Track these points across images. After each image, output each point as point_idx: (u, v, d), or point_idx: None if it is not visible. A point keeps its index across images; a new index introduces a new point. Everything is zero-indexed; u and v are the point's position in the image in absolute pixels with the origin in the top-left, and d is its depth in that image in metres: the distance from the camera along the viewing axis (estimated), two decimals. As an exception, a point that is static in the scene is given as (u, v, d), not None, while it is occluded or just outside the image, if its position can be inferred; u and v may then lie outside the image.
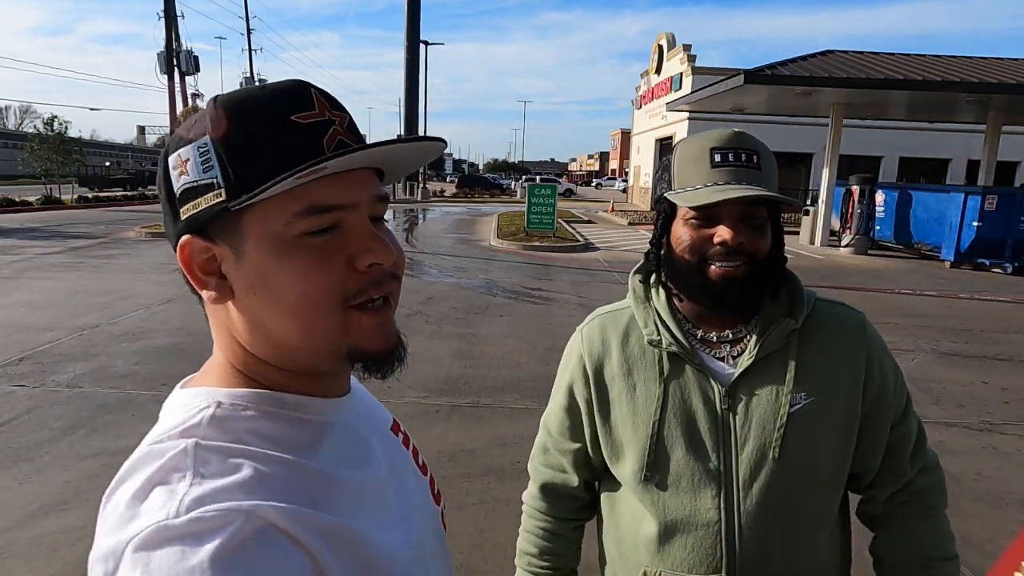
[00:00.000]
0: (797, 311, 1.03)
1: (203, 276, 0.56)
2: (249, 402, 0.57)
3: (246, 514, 0.47)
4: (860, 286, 10.55)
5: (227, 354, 0.60)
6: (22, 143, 25.28)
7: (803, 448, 0.98)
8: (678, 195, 0.98)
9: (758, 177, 0.95)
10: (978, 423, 4.71)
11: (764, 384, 1.00)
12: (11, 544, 2.90)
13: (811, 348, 1.02)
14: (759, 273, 0.98)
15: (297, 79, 0.57)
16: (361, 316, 0.56)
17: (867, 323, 1.07)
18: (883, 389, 1.03)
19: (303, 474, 0.54)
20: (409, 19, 34.05)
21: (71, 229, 16.21)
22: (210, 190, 0.53)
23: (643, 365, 1.06)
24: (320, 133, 0.54)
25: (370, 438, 0.64)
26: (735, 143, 0.97)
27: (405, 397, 4.85)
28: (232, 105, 0.54)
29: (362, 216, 0.56)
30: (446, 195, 40.22)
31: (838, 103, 15.97)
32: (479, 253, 13.66)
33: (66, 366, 5.30)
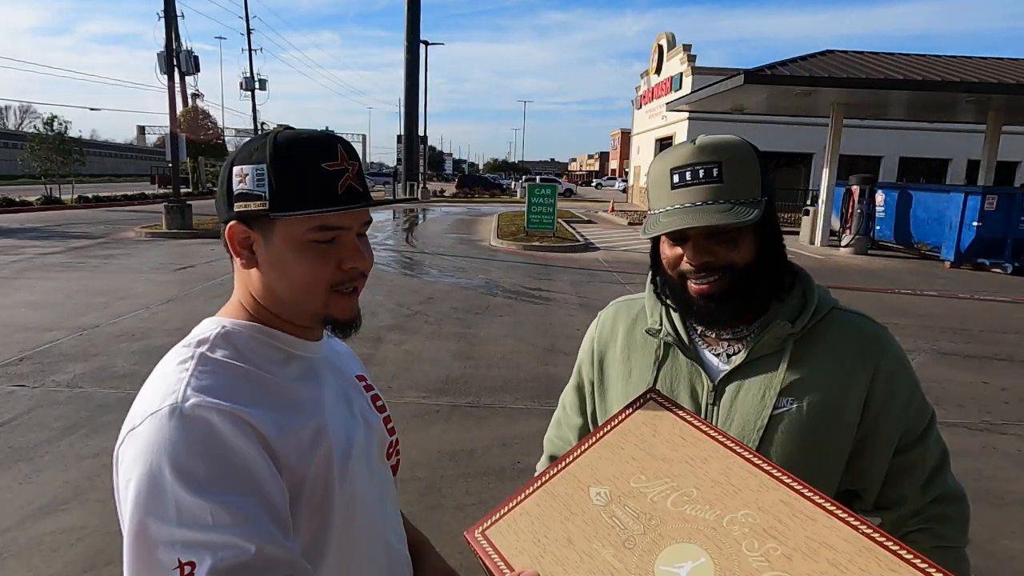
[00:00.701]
0: (799, 317, 1.01)
1: (240, 248, 0.83)
2: (246, 329, 0.85)
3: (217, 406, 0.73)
4: (860, 286, 10.55)
5: (242, 299, 0.88)
6: (22, 143, 25.27)
7: (781, 452, 0.97)
8: (644, 227, 1.01)
9: (718, 191, 0.93)
10: (978, 423, 4.71)
11: (753, 383, 1.00)
12: (11, 544, 2.90)
13: (808, 355, 1.00)
14: (741, 283, 0.97)
15: (331, 133, 0.84)
16: (338, 297, 0.85)
17: (885, 339, 1.02)
18: (889, 408, 0.99)
19: (267, 386, 0.80)
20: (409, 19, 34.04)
21: (71, 229, 16.20)
22: (258, 199, 0.80)
23: (642, 351, 1.10)
24: (337, 179, 0.80)
25: (324, 371, 0.90)
26: (694, 159, 0.95)
27: (405, 397, 4.85)
28: (286, 145, 0.80)
29: (352, 235, 0.84)
30: (446, 195, 40.21)
31: (838, 103, 15.97)
32: (479, 253, 13.66)
33: (66, 366, 5.30)
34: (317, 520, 0.81)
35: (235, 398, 0.75)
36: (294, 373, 0.85)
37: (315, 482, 0.80)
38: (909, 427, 1.00)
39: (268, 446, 0.75)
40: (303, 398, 0.83)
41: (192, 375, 0.76)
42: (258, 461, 0.73)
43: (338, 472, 0.82)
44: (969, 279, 11.83)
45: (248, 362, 0.81)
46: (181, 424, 0.71)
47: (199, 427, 0.71)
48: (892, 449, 1.00)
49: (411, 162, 35.66)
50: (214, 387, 0.75)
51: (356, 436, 0.88)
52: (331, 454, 0.81)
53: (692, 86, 24.03)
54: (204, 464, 0.70)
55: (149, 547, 0.69)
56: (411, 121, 35.54)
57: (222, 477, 0.70)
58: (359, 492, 0.87)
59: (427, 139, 39.33)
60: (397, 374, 5.37)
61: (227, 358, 0.80)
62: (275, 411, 0.78)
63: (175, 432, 0.71)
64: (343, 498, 0.83)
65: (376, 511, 0.92)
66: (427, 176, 40.64)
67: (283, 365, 0.85)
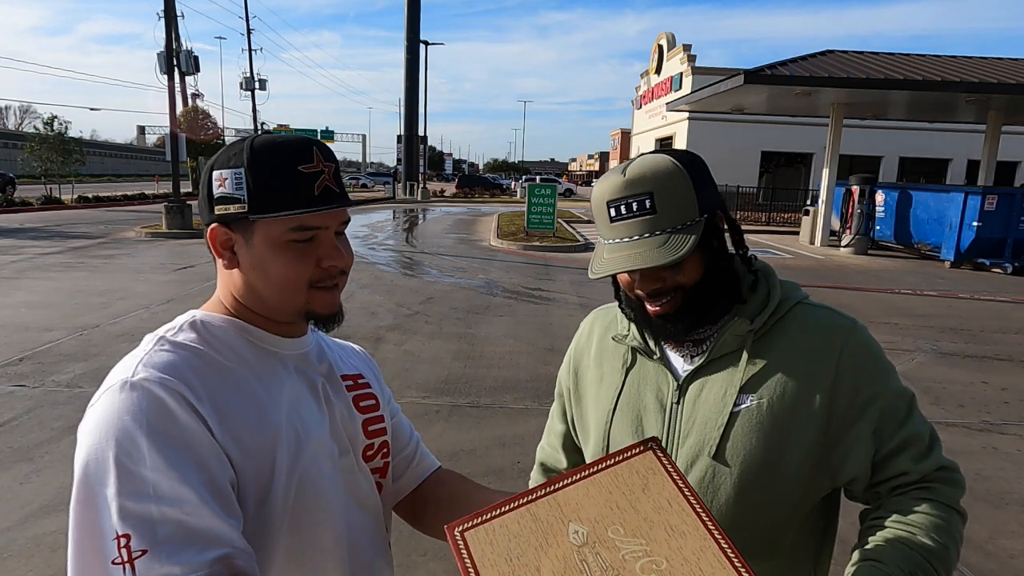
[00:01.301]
0: (759, 314, 1.02)
1: (222, 250, 0.86)
2: (218, 320, 0.88)
3: (162, 380, 0.76)
4: (860, 286, 10.55)
5: (222, 298, 0.90)
6: (22, 143, 25.26)
7: (742, 448, 0.98)
8: (591, 263, 1.04)
9: (652, 223, 0.94)
10: (978, 423, 4.71)
11: (715, 381, 1.02)
12: (11, 544, 2.90)
13: (769, 351, 1.01)
14: (694, 300, 0.99)
15: (306, 137, 0.86)
16: (319, 292, 0.87)
17: (852, 330, 1.01)
18: (861, 393, 0.98)
19: (222, 372, 0.82)
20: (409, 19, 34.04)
21: (71, 229, 16.20)
22: (238, 202, 0.83)
23: (612, 357, 1.14)
24: (314, 180, 0.83)
25: (296, 368, 0.91)
26: (625, 191, 0.95)
27: (405, 397, 4.85)
28: (262, 149, 0.83)
29: (330, 233, 0.87)
30: (446, 195, 40.21)
31: (838, 103, 15.97)
32: (479, 253, 13.66)
33: (66, 366, 5.30)
34: (258, 517, 0.81)
35: (183, 377, 0.77)
36: (257, 366, 0.86)
37: (256, 477, 0.80)
38: (890, 409, 0.98)
39: (206, 426, 0.76)
40: (256, 391, 0.84)
41: (148, 354, 0.79)
42: (200, 435, 0.75)
43: (284, 470, 0.83)
44: (969, 279, 11.83)
45: (210, 347, 0.84)
46: (128, 396, 0.74)
47: (144, 399, 0.74)
48: (872, 433, 0.97)
49: (411, 162, 35.66)
50: (164, 364, 0.78)
51: (314, 437, 0.88)
52: (275, 451, 0.82)
53: (692, 86, 24.03)
54: (148, 435, 0.72)
55: (92, 516, 0.70)
56: (411, 121, 35.54)
57: (165, 448, 0.72)
58: (313, 493, 0.86)
59: (427, 139, 39.33)
60: (397, 374, 5.37)
61: (188, 341, 0.83)
62: (222, 398, 0.79)
63: (122, 404, 0.73)
64: (287, 497, 0.83)
65: (338, 513, 0.90)
66: (427, 176, 40.63)
67: (248, 356, 0.86)
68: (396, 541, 1.16)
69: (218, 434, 0.77)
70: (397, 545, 1.14)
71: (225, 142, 35.42)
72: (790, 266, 12.46)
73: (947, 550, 0.90)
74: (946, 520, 0.92)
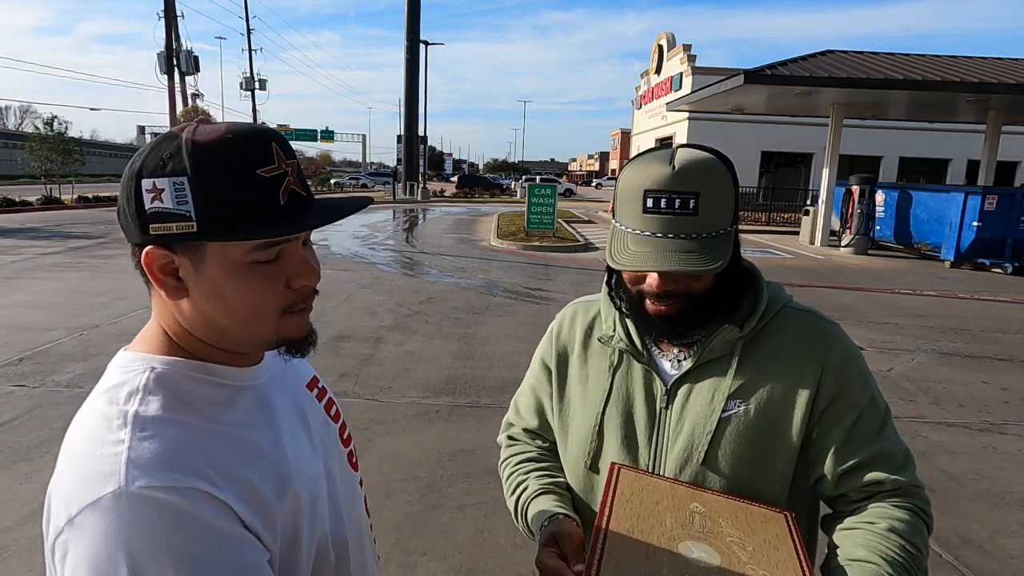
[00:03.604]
0: (748, 319, 1.02)
1: (161, 276, 0.68)
2: (180, 367, 0.71)
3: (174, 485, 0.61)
4: (860, 286, 10.55)
5: (165, 326, 0.73)
6: (22, 143, 25.26)
7: (730, 454, 0.98)
8: (610, 249, 0.97)
9: (690, 225, 0.90)
10: (978, 423, 4.70)
11: (703, 387, 1.01)
12: (11, 544, 2.90)
13: (757, 356, 1.01)
14: (698, 306, 0.98)
15: (261, 127, 0.69)
16: (290, 317, 0.73)
17: (834, 334, 1.02)
18: (838, 401, 0.98)
19: (221, 440, 0.68)
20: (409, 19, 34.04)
21: (71, 229, 16.20)
22: (183, 219, 0.64)
23: (598, 357, 1.11)
24: (277, 186, 0.67)
25: (275, 396, 0.79)
26: (670, 185, 0.90)
27: (405, 397, 4.85)
28: (209, 149, 0.64)
29: (298, 246, 0.72)
30: (446, 195, 40.22)
31: (838, 103, 15.97)
32: (479, 253, 13.66)
33: (66, 366, 5.30)
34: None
35: (190, 466, 0.63)
36: (243, 413, 0.73)
37: (285, 539, 0.71)
38: (867, 418, 0.98)
39: (233, 513, 0.64)
40: (261, 444, 0.72)
41: (129, 448, 0.62)
42: (230, 536, 0.63)
43: (307, 520, 0.73)
44: (969, 279, 11.83)
45: (191, 410, 0.68)
46: (131, 512, 0.58)
47: (156, 513, 0.59)
48: (845, 437, 0.97)
49: (411, 162, 35.66)
50: (160, 457, 0.62)
51: (318, 469, 0.79)
52: (299, 501, 0.72)
53: (692, 86, 24.03)
54: (173, 561, 0.58)
55: None
56: (411, 121, 35.54)
57: (209, 565, 0.60)
58: (328, 534, 0.79)
59: (427, 139, 39.33)
60: (397, 374, 5.37)
61: (166, 411, 0.66)
62: (237, 473, 0.66)
63: (131, 523, 0.58)
64: (309, 549, 0.75)
65: (354, 543, 0.85)
66: (427, 176, 40.62)
67: (229, 407, 0.72)
68: (396, 541, 1.17)
69: (247, 518, 0.65)
70: (397, 545, 1.15)
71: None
72: (790, 266, 12.46)
73: (923, 557, 0.92)
74: (922, 530, 0.94)
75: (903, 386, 5.48)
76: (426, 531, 3.07)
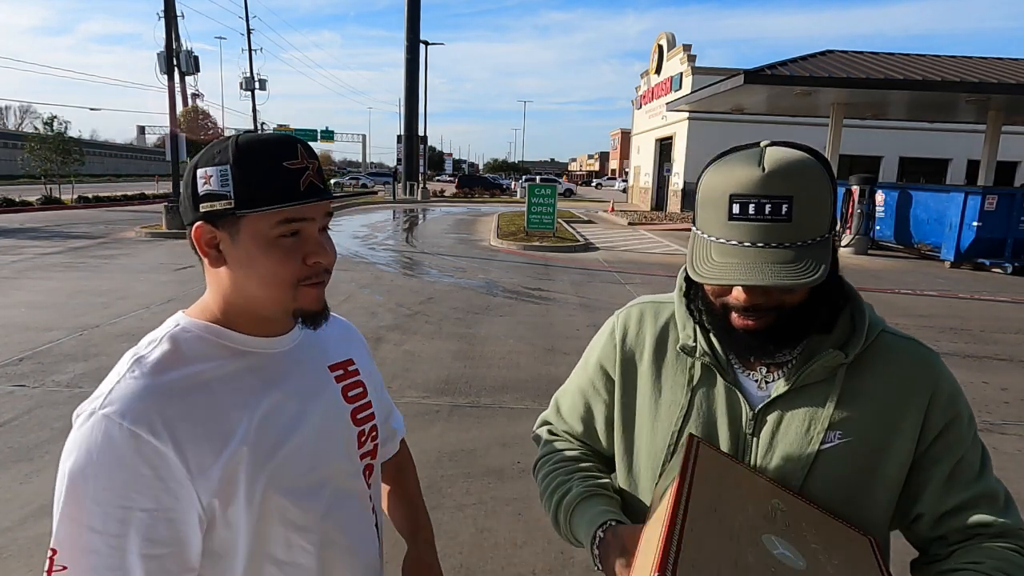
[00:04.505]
0: (851, 344, 0.92)
1: (207, 248, 0.87)
2: (195, 329, 0.88)
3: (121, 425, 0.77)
4: (860, 286, 10.40)
5: (212, 297, 0.91)
6: (22, 143, 25.25)
7: (827, 487, 0.90)
8: (692, 259, 0.89)
9: (784, 232, 0.81)
10: (978, 423, 4.69)
11: (797, 415, 0.92)
12: (11, 544, 2.90)
13: (860, 384, 0.92)
14: (789, 322, 0.89)
15: (289, 135, 0.88)
16: (305, 289, 0.88)
17: (941, 364, 0.96)
18: (947, 433, 0.92)
19: (190, 393, 0.82)
20: (409, 19, 34.05)
21: (71, 229, 16.20)
22: (224, 199, 0.83)
23: (674, 368, 1.00)
24: (299, 176, 0.84)
25: (281, 368, 0.92)
26: (760, 189, 0.81)
27: (405, 397, 4.85)
28: (248, 147, 0.83)
29: (315, 228, 0.88)
30: (446, 195, 40.21)
31: (838, 103, 15.98)
32: (479, 253, 13.66)
33: (66, 366, 5.30)
34: (229, 526, 0.84)
35: (147, 412, 0.79)
36: (235, 373, 0.87)
37: (222, 491, 0.82)
38: (967, 458, 0.92)
39: (166, 462, 0.78)
40: (227, 402, 0.85)
41: (118, 381, 0.81)
42: (151, 475, 0.77)
43: (247, 474, 0.84)
44: (969, 279, 11.83)
45: (185, 362, 0.84)
46: (90, 429, 0.78)
47: (102, 435, 0.77)
48: (947, 476, 0.91)
49: (411, 162, 35.66)
50: (131, 396, 0.79)
51: (291, 441, 0.89)
52: (239, 458, 0.83)
53: (692, 86, 24.04)
54: (97, 469, 0.76)
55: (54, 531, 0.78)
56: (411, 121, 35.54)
57: (110, 484, 0.76)
58: (284, 494, 0.88)
59: (427, 139, 39.32)
60: (397, 374, 5.37)
61: (162, 360, 0.84)
62: (185, 427, 0.80)
63: (84, 435, 0.78)
64: (251, 506, 0.85)
65: (319, 508, 0.93)
66: (427, 176, 40.61)
67: (223, 365, 0.87)
68: (396, 541, 1.16)
69: (179, 465, 0.79)
70: (398, 545, 1.14)
71: (225, 142, 35.41)
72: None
73: None
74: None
75: (903, 386, 5.48)
76: (426, 531, 3.07)
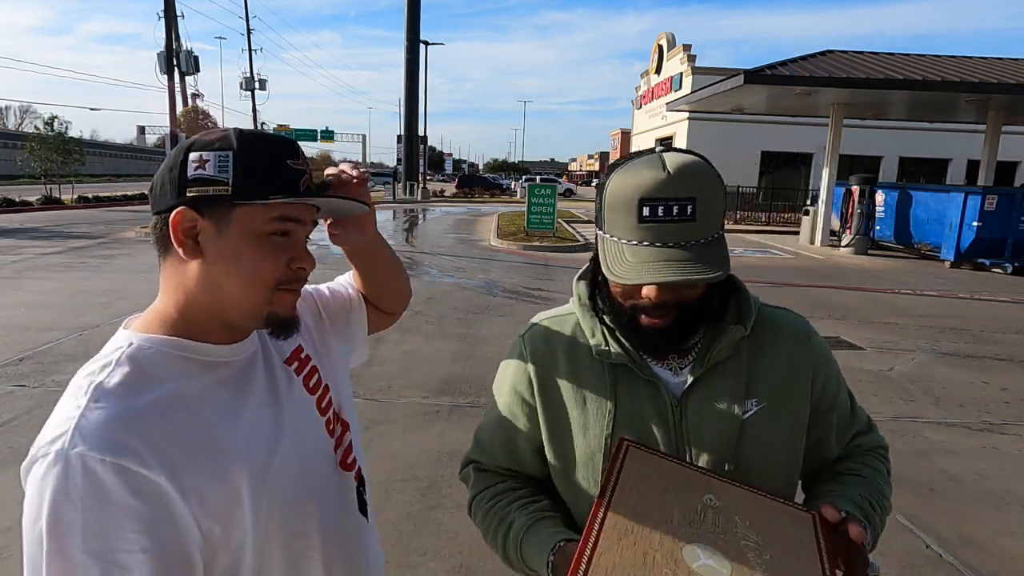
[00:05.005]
0: (746, 319, 1.01)
1: (183, 238, 0.79)
2: (153, 345, 0.81)
3: (101, 458, 0.69)
4: (860, 286, 10.54)
5: (167, 305, 0.84)
6: (22, 143, 25.25)
7: (757, 453, 0.98)
8: (606, 262, 0.93)
9: (689, 231, 0.87)
10: (978, 423, 4.70)
11: (716, 392, 0.99)
12: (11, 544, 2.89)
13: (761, 354, 1.02)
14: (691, 316, 0.96)
15: (290, 138, 0.86)
16: (282, 294, 0.84)
17: (811, 326, 1.09)
18: (828, 383, 1.06)
19: (165, 416, 0.75)
20: (409, 19, 34.03)
21: (71, 229, 16.20)
22: (220, 184, 0.78)
23: (592, 376, 1.03)
24: (299, 177, 0.83)
25: (250, 373, 0.88)
26: (666, 192, 0.87)
27: (405, 397, 4.85)
28: (252, 138, 0.81)
29: (303, 232, 0.86)
30: (446, 195, 40.22)
31: (838, 103, 15.97)
32: (479, 253, 13.66)
33: (66, 366, 5.30)
34: (231, 551, 0.80)
35: (125, 442, 0.71)
36: (208, 389, 0.82)
37: (224, 515, 0.77)
38: (846, 397, 1.10)
39: (160, 493, 0.71)
40: (211, 420, 0.79)
41: (81, 415, 0.72)
42: (145, 509, 0.70)
43: (251, 493, 0.80)
44: (969, 279, 11.83)
45: (151, 383, 0.77)
46: (64, 476, 0.68)
47: (80, 476, 0.68)
48: (837, 420, 1.07)
49: (411, 162, 35.65)
50: (102, 428, 0.71)
51: (277, 444, 0.86)
52: (238, 476, 0.79)
53: (692, 86, 24.02)
54: (83, 515, 0.67)
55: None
56: (411, 121, 35.53)
57: (99, 536, 0.68)
58: (287, 507, 0.86)
59: (427, 139, 39.32)
60: (397, 374, 5.37)
61: (125, 383, 0.75)
62: (173, 451, 0.74)
63: (56, 484, 0.68)
64: (259, 520, 0.82)
65: (309, 517, 0.91)
66: (427, 176, 40.61)
67: (195, 381, 0.81)
68: (396, 541, 1.16)
69: (174, 495, 0.72)
70: (397, 545, 1.15)
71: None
72: (790, 266, 12.45)
73: (889, 502, 1.06)
74: (888, 480, 1.09)
75: (903, 386, 5.48)
76: (426, 531, 3.07)
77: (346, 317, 1.15)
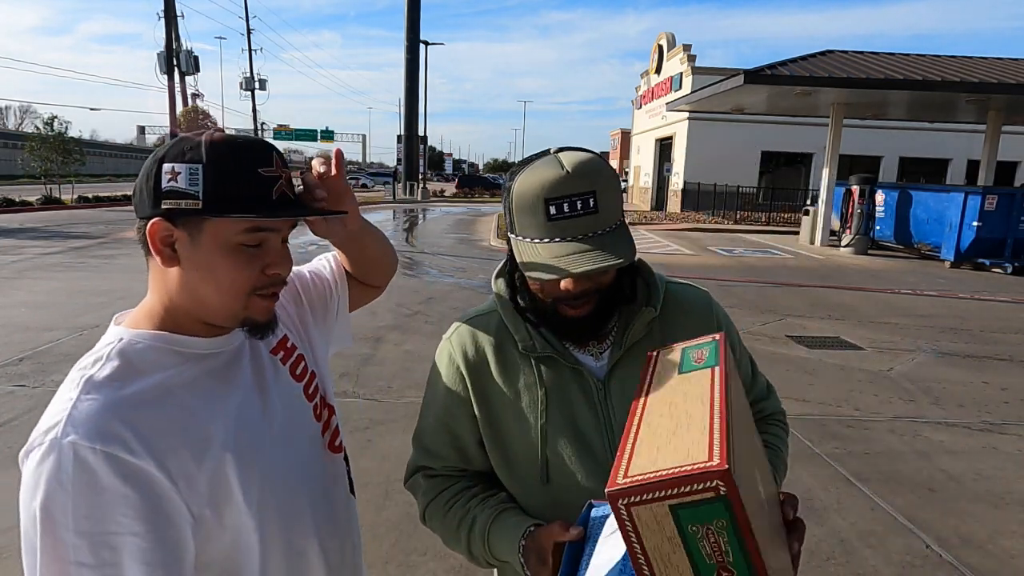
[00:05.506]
0: (655, 299, 1.08)
1: (160, 247, 0.82)
2: (142, 339, 0.84)
3: (91, 447, 0.72)
4: (860, 286, 10.54)
5: (154, 303, 0.87)
6: (22, 143, 25.25)
7: None
8: (523, 264, 0.98)
9: (594, 222, 0.93)
10: (978, 423, 4.70)
11: (635, 371, 1.01)
12: (11, 544, 2.90)
13: (672, 330, 1.08)
14: (608, 299, 1.02)
15: (266, 141, 0.86)
16: (258, 299, 0.86)
17: (713, 299, 1.16)
18: (734, 352, 1.10)
19: (154, 406, 0.79)
20: (409, 19, 34.03)
21: (71, 229, 16.20)
22: (191, 198, 0.79)
23: (520, 370, 1.07)
24: (271, 185, 0.82)
25: (237, 364, 0.91)
26: (568, 189, 0.92)
27: (405, 397, 4.85)
28: (222, 148, 0.80)
29: (279, 239, 0.87)
30: (446, 195, 40.23)
31: (838, 103, 15.97)
32: (479, 253, 13.66)
33: (66, 366, 5.28)
34: (227, 533, 0.83)
35: (115, 432, 0.74)
36: (196, 380, 0.84)
37: (215, 500, 0.81)
38: (748, 361, 1.19)
39: (149, 479, 0.75)
40: (198, 410, 0.82)
41: (74, 404, 0.75)
42: (134, 495, 0.74)
43: (240, 477, 0.83)
44: (969, 279, 11.83)
45: (141, 377, 0.80)
46: (56, 460, 0.72)
47: (71, 464, 0.72)
48: (746, 383, 1.16)
49: (411, 162, 35.65)
50: (93, 418, 0.74)
51: (264, 433, 0.89)
52: (226, 462, 0.82)
53: (692, 86, 24.02)
54: (74, 499, 0.71)
55: (30, 571, 0.73)
56: (411, 121, 35.53)
57: (89, 519, 0.71)
58: (273, 486, 0.89)
59: (427, 139, 39.31)
60: (397, 374, 5.37)
61: (115, 377, 0.79)
62: (160, 440, 0.77)
63: (50, 470, 0.72)
64: (250, 504, 0.84)
65: (303, 487, 0.95)
66: (427, 176, 40.61)
67: (183, 373, 0.84)
68: (396, 541, 1.16)
69: (163, 481, 0.76)
70: (397, 545, 1.15)
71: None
72: (790, 266, 12.44)
73: (786, 465, 1.20)
74: (787, 446, 1.22)
75: (903, 386, 5.48)
76: (426, 531, 3.04)
77: (326, 303, 1.16)
